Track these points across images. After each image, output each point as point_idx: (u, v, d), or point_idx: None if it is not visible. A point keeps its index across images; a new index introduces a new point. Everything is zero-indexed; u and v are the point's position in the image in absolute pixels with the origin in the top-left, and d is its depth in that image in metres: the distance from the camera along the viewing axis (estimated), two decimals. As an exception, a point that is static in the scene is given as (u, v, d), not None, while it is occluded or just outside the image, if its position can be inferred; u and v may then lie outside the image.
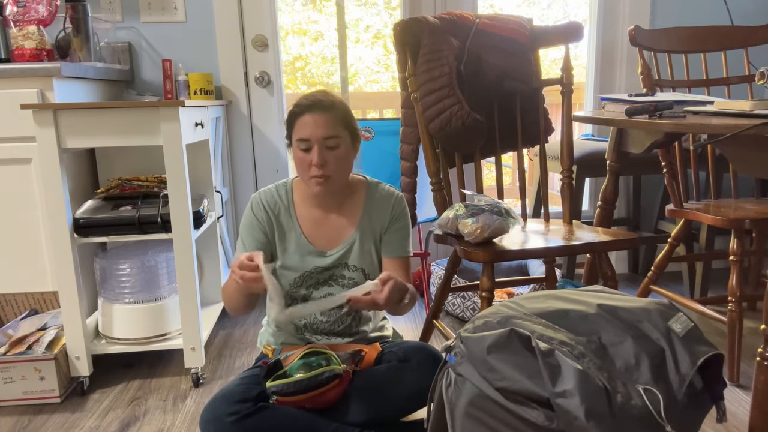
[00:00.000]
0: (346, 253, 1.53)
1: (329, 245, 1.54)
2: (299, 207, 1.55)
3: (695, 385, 1.06)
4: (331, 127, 1.42)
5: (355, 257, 1.54)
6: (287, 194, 1.56)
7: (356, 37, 4.32)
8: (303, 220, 1.54)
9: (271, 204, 1.54)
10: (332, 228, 1.54)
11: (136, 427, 1.70)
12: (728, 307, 1.83)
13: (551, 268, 2.06)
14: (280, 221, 1.54)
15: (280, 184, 1.58)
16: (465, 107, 1.67)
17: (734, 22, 2.70)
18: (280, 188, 1.57)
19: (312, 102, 1.43)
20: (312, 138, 1.41)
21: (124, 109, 1.75)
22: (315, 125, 1.41)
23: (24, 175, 1.96)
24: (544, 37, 1.88)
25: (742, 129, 1.20)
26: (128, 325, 1.94)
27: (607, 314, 1.11)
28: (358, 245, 1.54)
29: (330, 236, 1.54)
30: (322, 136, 1.41)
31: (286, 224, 1.54)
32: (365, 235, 1.54)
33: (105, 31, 2.47)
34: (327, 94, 1.47)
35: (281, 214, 1.54)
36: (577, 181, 2.48)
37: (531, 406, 1.01)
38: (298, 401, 1.36)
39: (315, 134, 1.41)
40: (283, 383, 1.36)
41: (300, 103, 1.45)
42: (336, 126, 1.43)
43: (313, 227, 1.54)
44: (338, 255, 1.53)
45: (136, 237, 1.84)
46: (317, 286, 1.54)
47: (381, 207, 1.56)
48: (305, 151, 1.43)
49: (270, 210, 1.53)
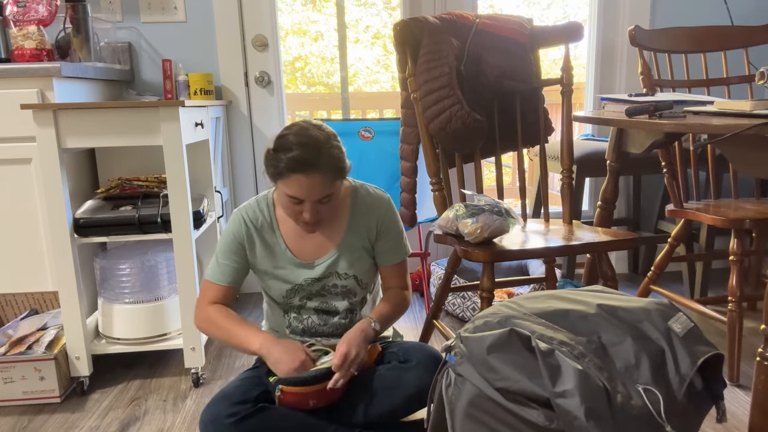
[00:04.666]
0: (334, 263, 1.52)
1: (315, 255, 1.52)
2: (282, 220, 1.52)
3: (695, 385, 1.06)
4: (326, 188, 1.36)
5: (345, 265, 1.52)
6: (269, 208, 1.52)
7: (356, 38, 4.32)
8: (286, 235, 1.52)
9: (253, 220, 1.51)
10: (317, 239, 1.52)
11: (136, 427, 1.70)
12: (728, 307, 1.83)
13: (551, 268, 2.06)
14: (263, 236, 1.51)
15: (261, 198, 1.54)
16: (465, 107, 1.67)
17: (734, 22, 2.70)
18: (261, 202, 1.53)
19: (307, 159, 1.32)
20: (306, 198, 1.36)
21: (124, 109, 1.75)
22: (309, 188, 1.34)
23: (24, 175, 1.96)
24: (544, 37, 1.88)
25: (742, 129, 1.20)
26: (128, 325, 1.94)
27: (607, 314, 1.11)
28: (346, 253, 1.52)
29: (315, 247, 1.52)
30: (317, 198, 1.36)
31: (269, 239, 1.51)
32: (353, 241, 1.53)
33: (105, 31, 2.47)
34: (318, 145, 1.34)
35: (264, 229, 1.51)
36: (577, 181, 2.48)
37: (531, 406, 1.01)
38: (303, 394, 1.35)
39: (309, 197, 1.36)
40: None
41: (292, 156, 1.32)
42: (329, 185, 1.36)
43: (296, 240, 1.52)
44: (326, 265, 1.51)
45: (136, 237, 1.84)
46: (311, 297, 1.54)
47: (368, 211, 1.54)
48: (296, 203, 1.38)
49: (252, 225, 1.50)
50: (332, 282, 1.53)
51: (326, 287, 1.53)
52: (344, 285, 1.53)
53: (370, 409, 1.41)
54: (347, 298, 1.55)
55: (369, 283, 1.58)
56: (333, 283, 1.53)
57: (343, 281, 1.53)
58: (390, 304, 1.56)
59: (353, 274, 1.53)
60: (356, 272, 1.53)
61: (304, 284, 1.51)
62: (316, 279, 1.52)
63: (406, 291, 1.61)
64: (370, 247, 1.55)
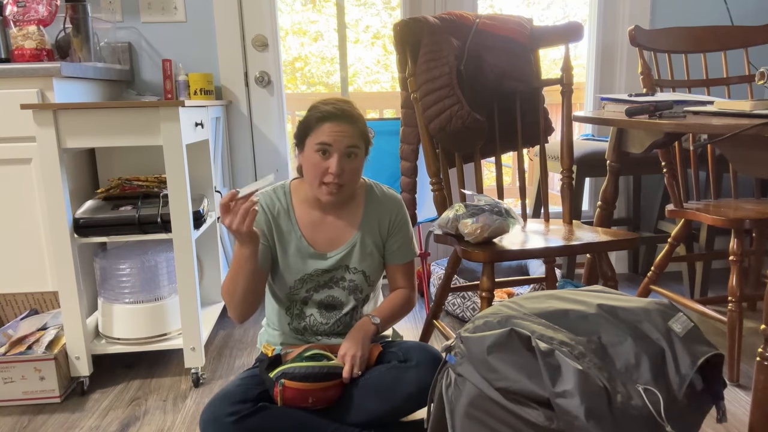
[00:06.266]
0: (347, 255, 1.54)
1: (329, 247, 1.54)
2: (298, 209, 1.54)
3: (695, 385, 1.06)
4: (355, 138, 1.44)
5: (356, 259, 1.54)
6: (286, 196, 1.55)
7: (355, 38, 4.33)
8: (302, 223, 1.54)
9: (270, 206, 1.53)
10: (332, 230, 1.55)
11: (136, 427, 1.70)
12: (728, 307, 1.83)
13: (551, 268, 2.06)
14: (279, 224, 1.53)
15: (278, 186, 1.57)
16: (465, 107, 1.67)
17: (734, 22, 2.70)
18: (278, 191, 1.56)
19: (339, 111, 1.42)
20: (335, 144, 1.41)
21: (124, 109, 1.75)
22: (341, 134, 1.41)
23: (24, 175, 1.96)
24: (544, 37, 1.88)
25: (742, 129, 1.20)
26: (128, 325, 1.94)
27: (607, 314, 1.11)
28: (359, 247, 1.54)
29: (330, 238, 1.54)
30: (346, 145, 1.42)
31: (285, 227, 1.53)
32: (366, 237, 1.55)
33: (105, 31, 2.47)
34: (350, 104, 1.47)
35: (280, 216, 1.53)
36: (577, 181, 2.48)
37: (531, 406, 1.01)
38: (304, 390, 1.35)
39: (339, 142, 1.41)
40: (294, 365, 1.36)
41: (324, 109, 1.43)
42: (358, 138, 1.45)
43: (312, 229, 1.54)
44: (339, 257, 1.53)
45: (136, 237, 1.84)
46: (317, 289, 1.55)
47: (382, 209, 1.57)
48: (323, 155, 1.42)
49: (269, 212, 1.53)
50: (341, 275, 1.54)
51: (334, 279, 1.54)
52: (352, 279, 1.54)
53: (371, 409, 1.41)
54: (353, 294, 1.56)
55: (375, 281, 1.60)
56: (342, 276, 1.54)
57: (352, 275, 1.54)
58: (393, 303, 1.58)
59: (362, 270, 1.55)
60: (365, 268, 1.55)
61: (314, 274, 1.53)
62: (326, 270, 1.53)
63: (411, 292, 1.63)
64: (381, 245, 1.58)
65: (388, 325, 1.57)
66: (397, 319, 1.59)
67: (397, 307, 1.59)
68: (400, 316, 1.60)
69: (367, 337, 1.47)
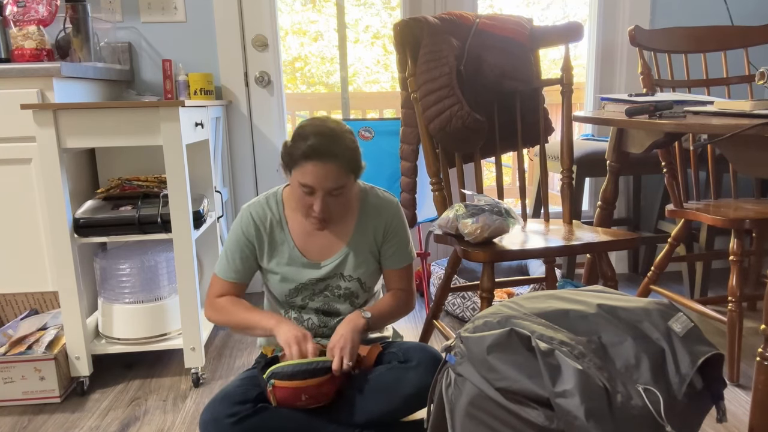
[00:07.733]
0: (341, 264, 1.52)
1: (322, 256, 1.52)
2: (291, 218, 1.52)
3: (695, 385, 1.06)
4: (339, 178, 1.37)
5: (351, 267, 1.53)
6: (278, 206, 1.53)
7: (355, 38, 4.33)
8: (295, 233, 1.52)
9: (261, 217, 1.51)
10: (325, 238, 1.53)
11: (136, 427, 1.70)
12: (728, 307, 1.83)
13: (551, 268, 2.06)
14: (272, 234, 1.52)
15: (270, 195, 1.54)
16: (465, 107, 1.67)
17: (734, 22, 2.70)
18: (270, 199, 1.53)
19: (323, 148, 1.34)
20: (317, 187, 1.37)
21: (124, 109, 1.75)
22: (323, 177, 1.35)
23: (24, 175, 1.96)
24: (544, 37, 1.88)
25: (742, 129, 1.20)
26: (128, 325, 1.94)
27: (607, 314, 1.11)
28: (353, 255, 1.52)
29: (323, 247, 1.53)
30: (330, 188, 1.37)
31: (278, 236, 1.52)
32: (360, 244, 1.53)
33: (105, 31, 2.47)
34: (334, 135, 1.37)
35: (273, 226, 1.52)
36: (577, 181, 2.48)
37: (531, 406, 1.01)
38: (295, 389, 1.35)
39: (321, 185, 1.37)
40: (281, 365, 1.36)
41: (308, 145, 1.34)
42: (343, 176, 1.38)
43: (305, 239, 1.52)
44: (332, 266, 1.52)
45: (136, 237, 1.84)
46: (313, 297, 1.54)
47: (376, 215, 1.54)
48: (308, 193, 1.39)
49: (260, 223, 1.51)
50: (336, 283, 1.53)
51: (329, 287, 1.53)
52: (347, 287, 1.53)
53: (370, 409, 1.41)
54: (349, 301, 1.55)
55: (372, 287, 1.59)
56: (337, 285, 1.53)
57: (347, 283, 1.53)
58: (387, 303, 1.56)
59: (357, 277, 1.53)
60: (361, 275, 1.54)
61: (308, 283, 1.52)
62: (320, 279, 1.52)
63: (409, 294, 1.61)
64: (377, 250, 1.56)
65: (381, 323, 1.54)
66: (391, 319, 1.56)
67: (391, 308, 1.56)
68: (394, 317, 1.57)
69: (356, 330, 1.43)
